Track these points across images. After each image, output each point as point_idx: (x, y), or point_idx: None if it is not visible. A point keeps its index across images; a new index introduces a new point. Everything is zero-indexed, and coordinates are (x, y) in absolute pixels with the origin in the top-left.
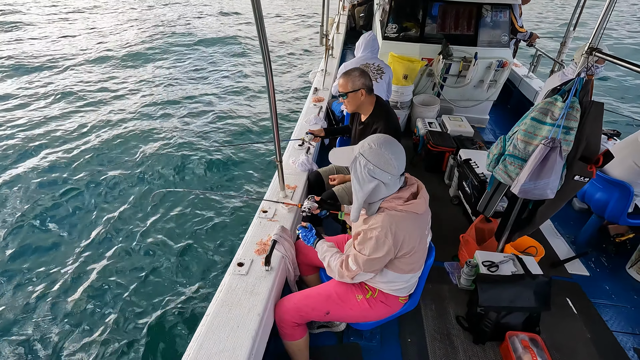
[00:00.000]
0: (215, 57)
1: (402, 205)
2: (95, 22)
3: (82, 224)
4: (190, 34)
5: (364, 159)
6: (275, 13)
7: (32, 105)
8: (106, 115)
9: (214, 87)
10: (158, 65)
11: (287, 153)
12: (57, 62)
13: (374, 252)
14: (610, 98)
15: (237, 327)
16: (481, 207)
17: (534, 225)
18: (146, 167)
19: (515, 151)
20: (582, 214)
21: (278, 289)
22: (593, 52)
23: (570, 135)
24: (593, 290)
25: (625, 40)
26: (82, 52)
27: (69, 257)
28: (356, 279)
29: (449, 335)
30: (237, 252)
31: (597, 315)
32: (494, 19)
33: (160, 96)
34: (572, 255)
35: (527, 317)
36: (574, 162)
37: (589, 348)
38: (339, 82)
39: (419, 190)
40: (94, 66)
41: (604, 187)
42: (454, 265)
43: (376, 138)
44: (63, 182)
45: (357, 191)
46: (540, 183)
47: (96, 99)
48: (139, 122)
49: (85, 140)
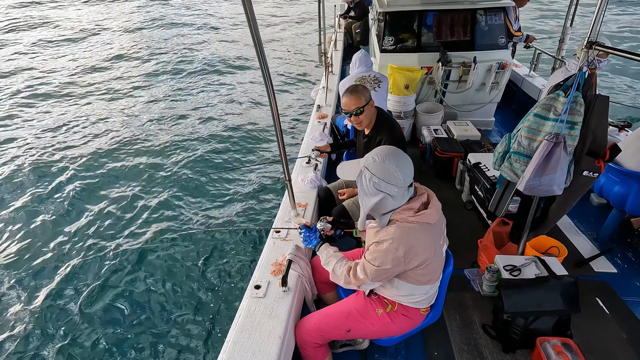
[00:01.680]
0: (213, 79)
1: (414, 217)
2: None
3: (93, 253)
4: (187, 58)
5: (368, 172)
6: (272, 31)
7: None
8: (105, 143)
9: (214, 110)
10: (153, 90)
11: (296, 171)
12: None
13: (383, 264)
14: (617, 90)
15: (258, 352)
16: (492, 207)
17: (548, 224)
18: (152, 193)
19: (519, 148)
20: (601, 209)
21: (297, 309)
22: (593, 45)
23: (575, 130)
24: (623, 287)
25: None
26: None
27: (81, 279)
28: (363, 287)
29: (476, 346)
30: (253, 275)
31: (631, 314)
32: (489, 22)
33: (153, 126)
34: (597, 253)
35: (557, 320)
36: (582, 157)
37: (626, 349)
38: (349, 101)
39: (429, 199)
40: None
41: (621, 180)
42: (475, 272)
43: (380, 151)
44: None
45: (364, 204)
46: (545, 179)
47: (87, 124)
48: (139, 150)
49: (83, 174)
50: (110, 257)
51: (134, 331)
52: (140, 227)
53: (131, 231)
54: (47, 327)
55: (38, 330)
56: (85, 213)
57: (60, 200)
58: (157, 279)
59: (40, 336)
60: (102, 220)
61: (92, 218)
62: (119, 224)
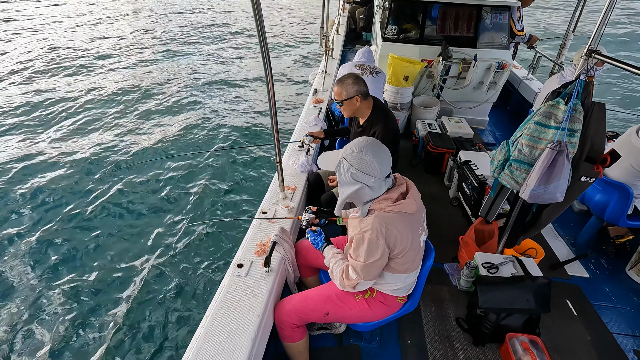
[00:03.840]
0: (210, 57)
1: (392, 206)
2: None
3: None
4: (185, 36)
5: (346, 162)
6: (276, 10)
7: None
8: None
9: (211, 89)
10: (148, 69)
11: (287, 154)
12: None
13: (369, 256)
14: (611, 98)
15: (236, 329)
16: (483, 212)
17: (539, 227)
18: (147, 173)
19: (520, 156)
20: (581, 216)
21: (278, 290)
22: (592, 54)
23: (575, 137)
24: (593, 292)
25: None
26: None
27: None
28: (357, 287)
29: (448, 337)
30: (236, 253)
31: (597, 317)
32: (494, 20)
33: (151, 102)
34: (572, 257)
35: (527, 318)
36: (580, 163)
37: (589, 350)
38: (334, 90)
39: (408, 189)
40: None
41: (603, 189)
42: (454, 266)
43: (358, 142)
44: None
45: (342, 192)
46: (550, 187)
47: (84, 108)
48: (135, 129)
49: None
50: (96, 250)
51: (114, 307)
52: (131, 214)
53: (120, 221)
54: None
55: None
56: (73, 204)
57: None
58: (136, 254)
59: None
60: (84, 210)
61: (79, 209)
62: (101, 214)
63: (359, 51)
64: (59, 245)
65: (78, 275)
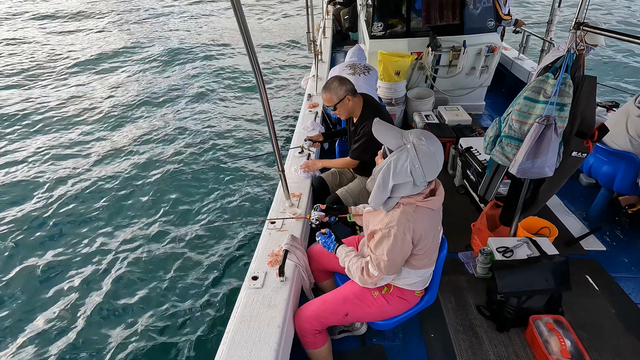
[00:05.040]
0: (199, 70)
1: (421, 202)
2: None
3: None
4: (170, 47)
5: (413, 152)
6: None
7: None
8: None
9: (204, 104)
10: (140, 84)
11: (289, 162)
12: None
13: (393, 252)
14: (606, 70)
15: (258, 342)
16: (482, 191)
17: (537, 205)
18: (149, 189)
19: (510, 132)
20: (590, 189)
21: (295, 298)
22: (581, 26)
23: (565, 111)
24: (612, 264)
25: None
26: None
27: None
28: (379, 283)
29: (471, 326)
30: (250, 266)
31: (619, 289)
32: (478, 5)
33: (140, 117)
34: (586, 232)
35: (549, 299)
36: (571, 138)
37: (615, 323)
38: (323, 98)
39: (436, 187)
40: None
41: (609, 160)
42: (468, 254)
43: (429, 135)
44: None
45: (386, 180)
46: (537, 161)
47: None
48: (134, 148)
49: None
50: (109, 255)
51: (133, 324)
52: (133, 226)
53: (126, 230)
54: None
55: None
56: (83, 211)
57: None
58: (154, 276)
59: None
60: (99, 218)
61: (88, 215)
62: (112, 222)
63: (350, 50)
64: (70, 261)
65: (98, 296)
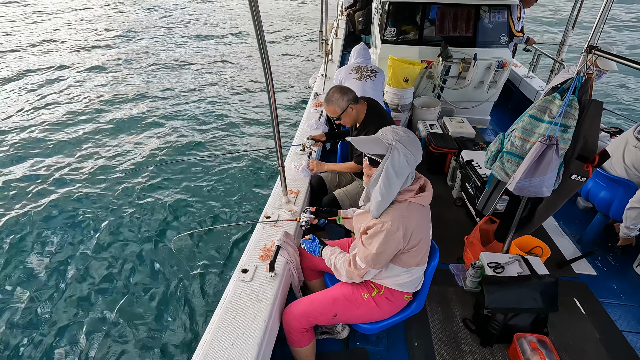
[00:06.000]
0: (208, 61)
1: (413, 198)
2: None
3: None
4: (180, 37)
5: (401, 145)
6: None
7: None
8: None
9: (212, 94)
10: (150, 75)
11: (289, 158)
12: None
13: (383, 246)
14: (613, 97)
15: (242, 335)
16: (480, 205)
17: (534, 224)
18: (147, 179)
19: (512, 148)
20: (586, 213)
21: (283, 294)
22: (592, 50)
23: (568, 133)
24: (601, 289)
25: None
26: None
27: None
28: (365, 276)
29: (455, 338)
30: (241, 259)
31: (606, 315)
32: (493, 19)
33: (153, 109)
34: (579, 255)
35: (535, 318)
36: (571, 160)
37: (599, 348)
38: (327, 110)
39: (425, 183)
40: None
41: (607, 186)
42: (459, 267)
43: (396, 127)
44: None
45: (392, 182)
46: (535, 180)
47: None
48: (133, 134)
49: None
50: (104, 252)
51: (121, 314)
52: (134, 224)
53: (125, 227)
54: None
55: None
56: (76, 207)
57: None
58: (147, 269)
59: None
60: (92, 212)
61: (82, 210)
62: (113, 220)
63: (353, 51)
64: (60, 254)
65: (80, 281)
